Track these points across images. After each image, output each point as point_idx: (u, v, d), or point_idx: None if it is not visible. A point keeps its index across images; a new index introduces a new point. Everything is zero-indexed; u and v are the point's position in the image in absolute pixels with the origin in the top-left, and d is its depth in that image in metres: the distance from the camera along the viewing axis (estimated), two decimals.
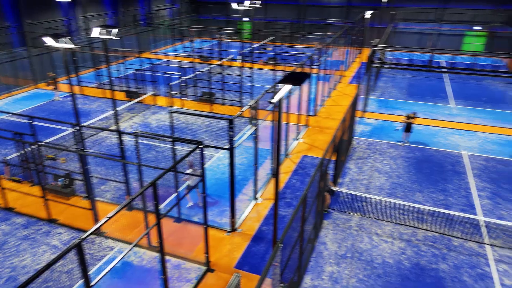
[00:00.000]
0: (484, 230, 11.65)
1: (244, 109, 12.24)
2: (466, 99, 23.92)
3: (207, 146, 8.54)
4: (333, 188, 12.88)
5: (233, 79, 24.21)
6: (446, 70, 19.44)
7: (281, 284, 8.39)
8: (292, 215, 7.47)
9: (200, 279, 9.55)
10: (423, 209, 12.62)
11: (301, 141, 17.73)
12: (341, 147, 14.08)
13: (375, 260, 10.35)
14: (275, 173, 8.11)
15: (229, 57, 30.68)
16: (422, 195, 13.40)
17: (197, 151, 8.84)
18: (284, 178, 14.43)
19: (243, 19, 42.85)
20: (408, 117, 16.79)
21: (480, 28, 36.73)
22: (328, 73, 24.39)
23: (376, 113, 21.26)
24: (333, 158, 13.30)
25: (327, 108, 22.06)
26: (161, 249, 7.89)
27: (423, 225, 11.85)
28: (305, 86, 20.27)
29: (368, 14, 30.53)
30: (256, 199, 13.01)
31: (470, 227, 11.76)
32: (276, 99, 6.68)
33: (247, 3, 26.34)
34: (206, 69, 27.33)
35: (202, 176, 9.00)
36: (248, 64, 28.63)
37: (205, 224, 9.51)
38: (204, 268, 9.88)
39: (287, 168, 15.15)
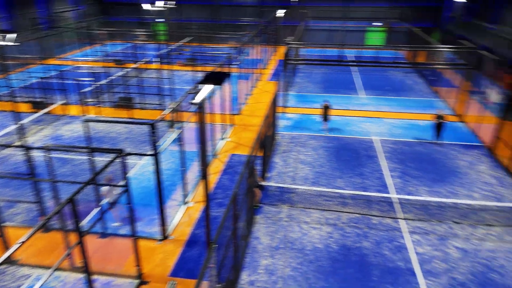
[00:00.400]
0: (397, 206, 12.91)
1: (165, 112, 11.90)
2: (373, 89, 26.18)
3: (128, 154, 8.14)
4: (262, 183, 13.19)
5: (152, 82, 23.43)
6: (354, 63, 21.03)
7: (218, 285, 8.38)
8: (224, 214, 7.48)
9: None
10: (345, 193, 13.55)
11: (227, 140, 17.82)
12: (266, 142, 14.47)
13: (306, 247, 10.86)
14: (204, 175, 8.05)
15: (146, 59, 29.58)
16: (343, 180, 14.37)
17: (118, 160, 8.39)
18: (214, 178, 14.39)
19: (157, 20, 41.55)
20: (324, 107, 17.92)
21: (380, 24, 40.44)
22: (248, 72, 24.87)
23: (296, 108, 22.25)
24: (260, 154, 13.62)
25: (250, 106, 22.48)
26: (86, 269, 7.35)
27: (346, 208, 12.73)
28: (226, 86, 20.45)
29: (280, 13, 31.65)
30: (186, 203, 12.78)
31: (385, 205, 12.94)
32: (197, 99, 6.62)
33: (159, 3, 25.62)
34: (121, 73, 25.98)
35: (126, 187, 8.57)
36: (166, 66, 27.91)
37: (134, 236, 9.08)
38: (137, 281, 9.44)
39: (216, 168, 15.13)
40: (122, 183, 8.84)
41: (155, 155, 10.00)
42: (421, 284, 9.61)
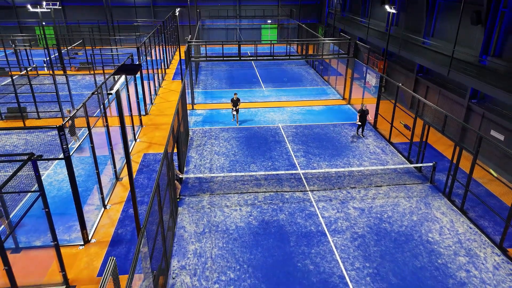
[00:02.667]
0: (304, 181, 14.53)
1: (72, 114, 11.51)
2: (272, 82, 28.18)
3: (40, 157, 7.92)
4: (181, 176, 13.60)
5: (45, 89, 21.75)
6: (251, 57, 22.45)
7: (152, 273, 8.71)
8: (150, 200, 7.85)
9: None
10: (259, 176, 14.74)
11: (138, 141, 17.67)
12: (180, 138, 14.87)
13: (230, 228, 11.70)
14: (127, 157, 8.27)
15: (33, 66, 27.11)
16: (256, 165, 15.55)
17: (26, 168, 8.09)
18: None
19: (43, 24, 38.05)
20: (233, 101, 18.88)
21: (271, 21, 43.17)
22: (151, 72, 24.64)
23: (204, 104, 22.90)
24: (175, 150, 13.98)
25: (157, 106, 22.40)
26: None
27: (261, 189, 13.90)
28: (131, 88, 20.07)
29: (176, 11, 31.83)
30: (105, 206, 12.55)
31: (294, 181, 14.47)
32: (114, 89, 6.88)
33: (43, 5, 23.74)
34: (5, 82, 23.50)
35: (42, 191, 8.31)
36: (59, 72, 26.04)
37: (55, 241, 8.84)
38: (63, 287, 9.19)
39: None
40: (34, 188, 8.52)
41: (68, 158, 9.76)
42: (330, 241, 11.20)
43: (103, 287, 5.19)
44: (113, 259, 5.70)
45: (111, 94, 6.59)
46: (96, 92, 12.69)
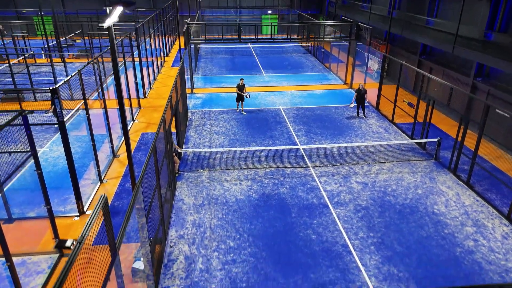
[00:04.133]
0: (306, 158, 14.20)
1: (66, 80, 11.19)
2: (273, 69, 27.83)
3: (31, 112, 7.60)
4: (179, 150, 13.27)
5: (43, 75, 21.46)
6: (253, 40, 22.11)
7: (149, 241, 8.41)
8: (146, 159, 7.53)
9: (54, 266, 8.56)
10: (259, 153, 14.41)
11: (136, 121, 17.36)
12: (179, 115, 14.55)
13: (230, 201, 11.37)
14: (124, 130, 7.94)
15: (31, 53, 26.82)
16: (256, 144, 15.22)
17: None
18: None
19: (41, 13, 37.76)
20: (238, 87, 18.18)
21: (271, 11, 42.82)
22: (150, 60, 24.30)
23: (204, 88, 22.58)
24: (173, 130, 13.66)
25: (155, 90, 22.09)
26: None
27: (261, 165, 13.57)
28: (129, 74, 19.73)
29: None
30: (101, 180, 12.24)
31: (296, 158, 14.13)
32: (107, 23, 6.55)
33: None
34: (2, 67, 23.22)
35: (33, 151, 7.99)
36: (57, 60, 25.79)
37: (48, 204, 8.53)
38: (57, 255, 8.88)
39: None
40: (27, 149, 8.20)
41: (62, 123, 9.44)
42: (332, 213, 10.87)
43: (92, 219, 4.87)
44: (104, 195, 5.39)
45: (102, 27, 6.27)
46: (92, 62, 12.36)
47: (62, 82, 10.24)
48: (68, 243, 8.95)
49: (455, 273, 8.75)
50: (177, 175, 12.66)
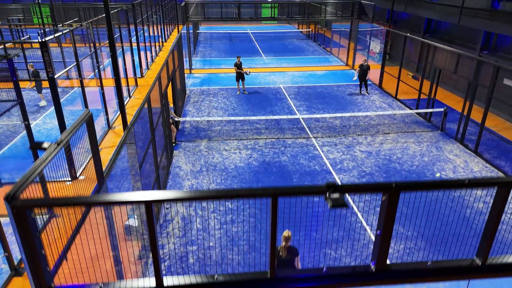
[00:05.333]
0: (307, 130, 13.76)
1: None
2: (273, 52, 27.38)
3: (17, 54, 7.18)
4: (177, 119, 12.85)
5: (39, 58, 21.00)
6: (253, 18, 21.65)
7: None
8: (139, 107, 7.11)
9: (44, 226, 8.14)
10: (259, 125, 13.98)
11: (133, 97, 16.91)
12: (176, 87, 14.15)
13: (229, 168, 10.94)
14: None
15: (27, 36, 26.45)
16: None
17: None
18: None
19: (39, 1, 37.34)
20: (236, 65, 17.67)
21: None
22: (148, 45, 23.86)
23: (202, 69, 22.15)
24: (170, 105, 13.25)
25: (153, 71, 21.61)
26: None
27: (261, 136, 13.14)
28: (127, 56, 19.33)
29: None
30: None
31: (297, 130, 13.70)
32: None
33: None
34: None
35: (20, 99, 7.56)
36: (54, 44, 25.34)
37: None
38: (46, 216, 8.46)
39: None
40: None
41: (51, 79, 8.98)
42: (336, 178, 10.44)
43: (76, 127, 4.42)
44: (88, 110, 4.94)
45: None
46: (86, 26, 11.91)
47: (52, 36, 9.80)
48: (45, 145, 8.45)
49: (466, 232, 8.29)
50: (174, 144, 12.24)
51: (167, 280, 2.87)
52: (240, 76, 17.86)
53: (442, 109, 13.56)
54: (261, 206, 9.03)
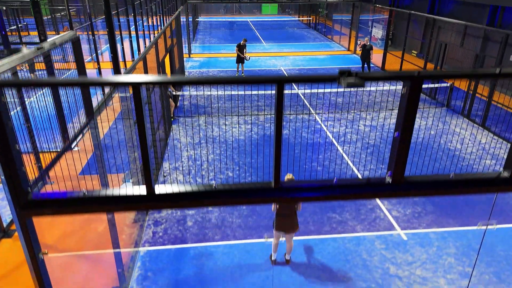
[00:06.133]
0: (309, 107, 13.40)
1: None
2: (274, 40, 27.01)
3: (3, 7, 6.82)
4: (175, 93, 12.49)
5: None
6: (253, 1, 21.25)
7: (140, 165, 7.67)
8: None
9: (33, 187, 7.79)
10: (260, 103, 13.62)
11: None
12: (174, 68, 13.82)
13: (229, 140, 10.59)
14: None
15: (24, 23, 26.10)
16: (257, 95, 14.43)
17: None
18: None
19: None
20: (239, 46, 17.21)
21: None
22: (147, 33, 23.53)
23: (201, 54, 21.79)
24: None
25: (151, 55, 21.26)
26: None
27: (262, 112, 12.78)
28: (126, 43, 19.01)
29: None
30: (89, 123, 11.46)
31: (299, 107, 13.34)
32: None
33: None
34: None
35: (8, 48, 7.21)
36: (52, 32, 24.97)
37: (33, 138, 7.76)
38: (39, 182, 8.12)
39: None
40: None
41: (43, 41, 8.62)
42: (339, 149, 10.08)
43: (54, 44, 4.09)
44: (75, 32, 4.61)
45: None
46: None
47: None
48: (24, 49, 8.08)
49: (474, 197, 7.94)
50: (172, 119, 11.88)
51: (159, 189, 2.48)
52: (240, 60, 17.49)
53: (447, 84, 13.20)
54: (264, 175, 8.69)
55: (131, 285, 5.54)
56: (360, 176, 8.70)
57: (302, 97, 14.05)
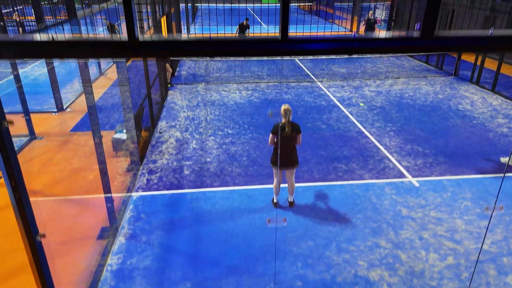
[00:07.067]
0: (312, 76, 12.94)
1: None
2: (274, 24, 26.51)
3: None
4: (172, 58, 12.04)
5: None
6: None
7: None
8: None
9: (23, 147, 7.37)
10: (261, 73, 13.18)
11: None
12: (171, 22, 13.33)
13: (228, 103, 10.14)
14: None
15: (20, 7, 25.64)
16: (257, 69, 13.97)
17: None
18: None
19: None
20: (241, 27, 16.73)
21: None
22: (146, 18, 23.15)
23: (200, 34, 21.37)
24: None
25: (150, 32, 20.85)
26: None
27: (263, 80, 12.33)
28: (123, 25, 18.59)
29: None
30: None
31: (301, 76, 12.89)
32: None
33: None
34: None
35: None
36: (49, 16, 24.57)
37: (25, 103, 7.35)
38: (27, 138, 7.70)
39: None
40: None
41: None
42: (344, 111, 9.62)
43: None
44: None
45: None
46: None
47: None
48: None
49: (490, 149, 7.50)
50: (169, 86, 11.45)
51: (144, 38, 2.02)
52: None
53: (454, 55, 12.72)
54: (265, 132, 8.25)
55: (122, 225, 5.11)
56: (366, 133, 8.26)
57: (305, 68, 13.60)
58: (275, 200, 5.61)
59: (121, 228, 5.06)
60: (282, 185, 5.76)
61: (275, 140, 5.20)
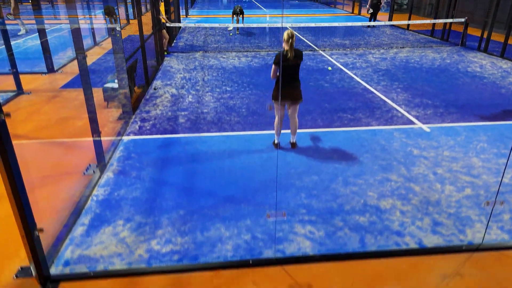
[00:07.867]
0: (314, 46, 12.53)
1: None
2: (274, 8, 26.10)
3: None
4: (168, 24, 11.63)
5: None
6: None
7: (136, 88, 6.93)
8: None
9: (9, 100, 6.99)
10: (261, 44, 12.77)
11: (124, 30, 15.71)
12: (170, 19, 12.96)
13: (227, 68, 9.73)
14: None
15: None
16: (257, 46, 13.55)
17: None
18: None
19: None
20: (235, 13, 16.26)
21: None
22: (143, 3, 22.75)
23: (199, 15, 20.96)
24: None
25: (146, 16, 20.42)
26: None
27: (263, 50, 11.92)
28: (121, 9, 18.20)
29: None
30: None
31: (302, 47, 12.47)
32: None
33: None
34: None
35: None
36: (45, 2, 24.22)
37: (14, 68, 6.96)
38: (14, 92, 7.32)
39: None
40: None
41: None
42: (348, 72, 9.21)
43: None
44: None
45: None
46: None
47: None
48: None
49: (504, 102, 7.09)
50: (166, 53, 11.05)
51: None
52: (236, 12, 16.59)
53: (462, 20, 12.31)
54: (265, 89, 7.85)
55: (111, 163, 4.72)
56: (372, 89, 7.85)
57: (306, 40, 13.18)
58: (276, 141, 5.22)
59: (110, 165, 4.67)
60: (283, 131, 5.37)
61: (278, 73, 4.80)
